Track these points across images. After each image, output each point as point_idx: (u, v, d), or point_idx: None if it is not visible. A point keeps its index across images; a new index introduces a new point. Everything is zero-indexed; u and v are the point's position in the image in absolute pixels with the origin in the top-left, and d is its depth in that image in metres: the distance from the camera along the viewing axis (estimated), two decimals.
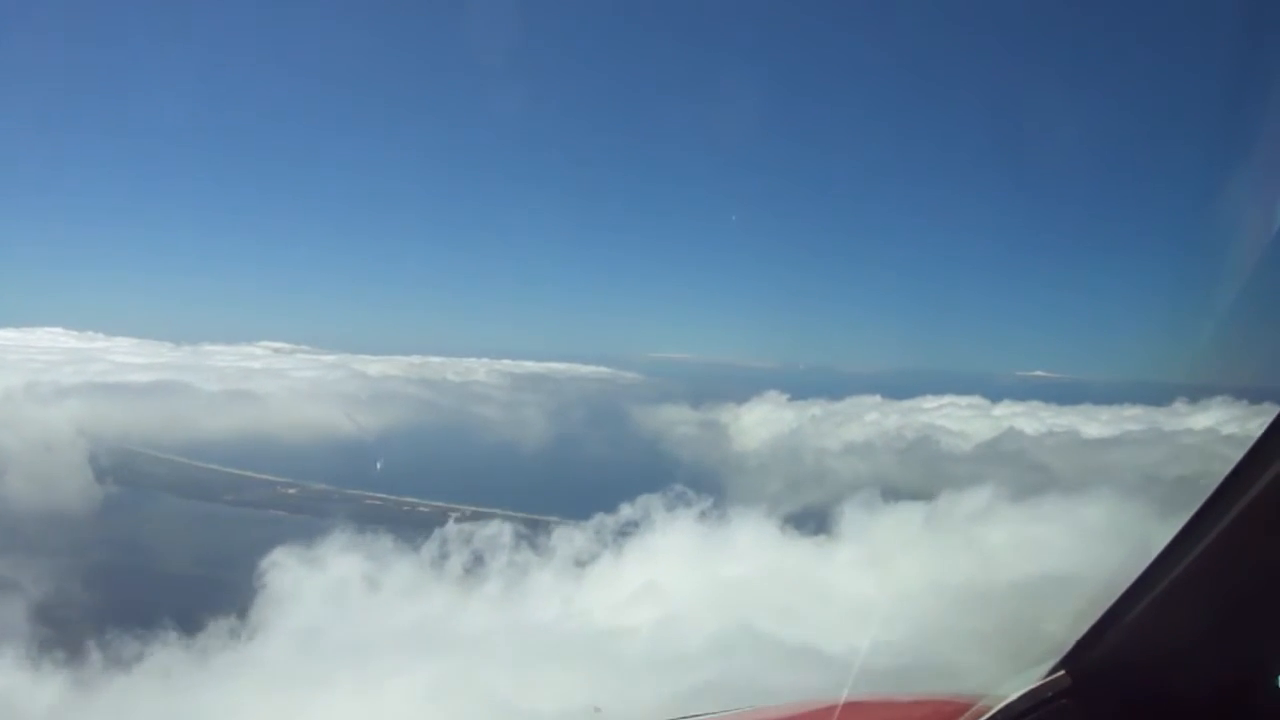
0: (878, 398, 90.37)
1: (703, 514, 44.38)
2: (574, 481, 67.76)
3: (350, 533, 41.35)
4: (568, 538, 43.37)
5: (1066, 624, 2.10)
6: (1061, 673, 2.08)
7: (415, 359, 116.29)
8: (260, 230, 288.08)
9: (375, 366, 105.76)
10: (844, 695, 2.64)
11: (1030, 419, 77.01)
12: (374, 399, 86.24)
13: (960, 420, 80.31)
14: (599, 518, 45.00)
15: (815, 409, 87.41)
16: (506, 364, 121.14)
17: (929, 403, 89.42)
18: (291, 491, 59.46)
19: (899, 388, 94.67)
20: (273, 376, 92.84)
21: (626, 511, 45.54)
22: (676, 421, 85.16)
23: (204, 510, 57.37)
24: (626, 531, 43.65)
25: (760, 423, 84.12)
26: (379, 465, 58.52)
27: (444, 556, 40.90)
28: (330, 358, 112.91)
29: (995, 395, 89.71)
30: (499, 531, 43.01)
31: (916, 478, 60.81)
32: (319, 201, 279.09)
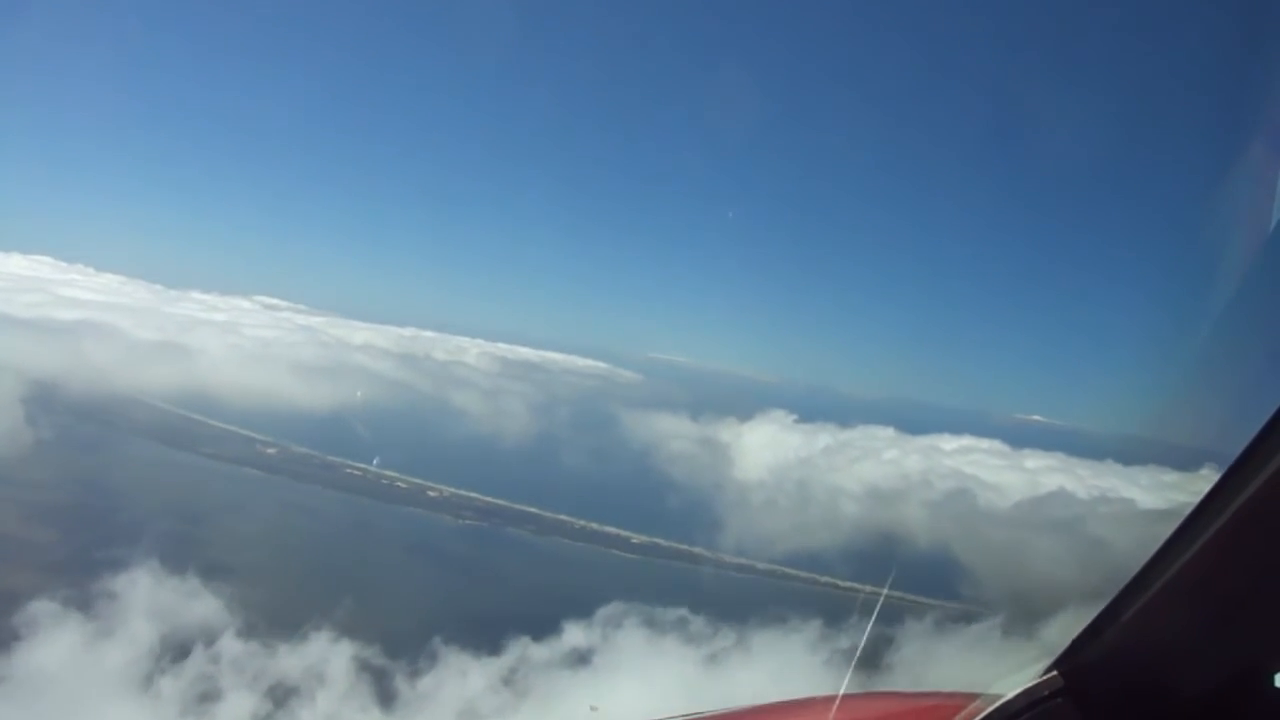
0: (891, 430, 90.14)
1: (713, 657, 33.22)
2: (556, 483, 67.84)
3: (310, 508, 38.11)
4: (461, 671, 30.92)
5: (1062, 624, 2.32)
6: (1056, 672, 2.28)
7: (408, 331, 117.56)
8: (281, 184, 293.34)
9: (361, 334, 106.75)
10: (841, 691, 2.87)
11: (1068, 476, 76.70)
12: (334, 368, 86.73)
13: (991, 469, 79.93)
14: (523, 643, 32.37)
15: (825, 436, 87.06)
16: (501, 347, 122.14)
17: (947, 442, 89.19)
18: (271, 451, 60.40)
19: (905, 418, 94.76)
20: (221, 331, 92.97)
21: (575, 635, 32.94)
22: (673, 434, 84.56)
23: (170, 458, 57.74)
24: (578, 663, 31.37)
25: (765, 445, 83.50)
26: (376, 462, 58.60)
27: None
28: (315, 319, 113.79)
29: (1011, 440, 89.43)
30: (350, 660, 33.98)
31: (964, 544, 57.23)
32: (343, 166, 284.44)
